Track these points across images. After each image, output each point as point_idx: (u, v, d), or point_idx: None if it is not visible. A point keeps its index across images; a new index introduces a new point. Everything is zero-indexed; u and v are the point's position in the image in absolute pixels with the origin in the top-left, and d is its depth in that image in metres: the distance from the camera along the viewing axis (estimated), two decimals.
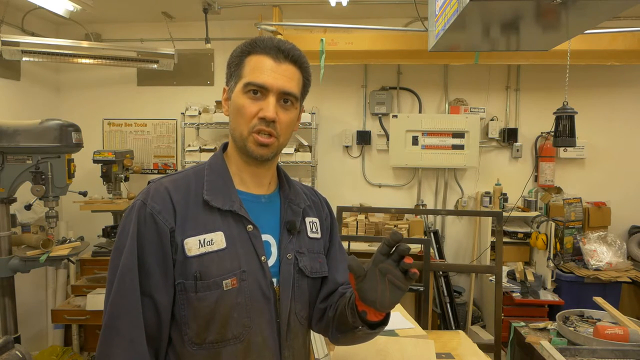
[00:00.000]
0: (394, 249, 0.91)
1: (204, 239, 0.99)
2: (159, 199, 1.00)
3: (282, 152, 4.18)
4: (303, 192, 1.20)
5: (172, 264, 0.99)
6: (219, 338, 1.00)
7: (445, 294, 3.55)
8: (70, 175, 2.66)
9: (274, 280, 1.05)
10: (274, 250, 1.08)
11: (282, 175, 1.17)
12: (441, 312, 3.52)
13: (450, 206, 3.98)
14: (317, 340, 1.61)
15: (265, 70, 1.01)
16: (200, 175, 1.07)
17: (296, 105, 1.07)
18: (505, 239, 3.61)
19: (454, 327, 3.48)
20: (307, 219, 1.16)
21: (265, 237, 1.07)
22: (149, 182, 1.07)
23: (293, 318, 1.08)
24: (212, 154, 1.15)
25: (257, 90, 1.01)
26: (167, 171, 4.13)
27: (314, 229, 1.16)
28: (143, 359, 0.96)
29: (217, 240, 1.00)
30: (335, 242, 1.23)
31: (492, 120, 3.86)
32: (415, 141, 3.76)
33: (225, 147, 1.14)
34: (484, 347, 2.09)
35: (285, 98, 1.03)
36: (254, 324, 1.02)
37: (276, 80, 1.01)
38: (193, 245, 0.98)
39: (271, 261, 1.06)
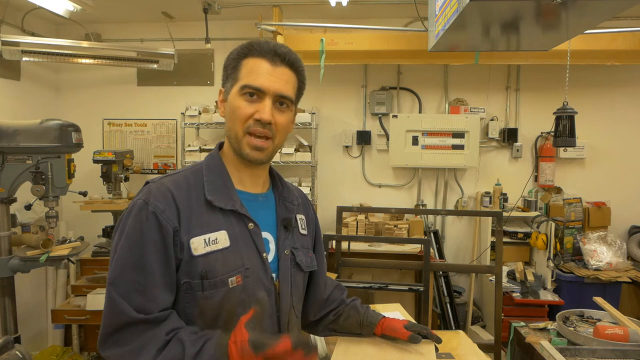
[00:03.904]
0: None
1: (209, 238, 1.01)
2: (161, 198, 1.00)
3: (283, 152, 4.14)
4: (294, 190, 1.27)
5: (174, 264, 0.99)
6: None
7: (445, 294, 3.55)
8: (70, 175, 2.66)
9: (273, 275, 1.09)
10: (272, 246, 1.12)
11: (274, 174, 1.21)
12: (441, 312, 3.52)
13: (450, 206, 3.98)
14: (317, 341, 1.61)
15: (261, 73, 1.03)
16: (198, 175, 1.08)
17: (291, 108, 1.10)
18: (505, 239, 3.61)
19: (454, 327, 3.48)
20: (298, 216, 1.21)
21: (264, 234, 1.10)
22: (146, 182, 1.07)
23: (291, 312, 1.12)
24: None
25: (254, 93, 1.04)
26: (167, 171, 4.11)
27: (303, 226, 1.22)
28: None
29: (221, 239, 1.02)
30: (319, 240, 1.31)
31: (492, 120, 3.86)
32: (415, 141, 3.76)
33: (220, 146, 1.16)
34: (484, 347, 2.09)
35: (281, 101, 1.06)
36: None
37: (273, 84, 1.03)
38: (199, 245, 1.00)
39: (270, 257, 1.10)
